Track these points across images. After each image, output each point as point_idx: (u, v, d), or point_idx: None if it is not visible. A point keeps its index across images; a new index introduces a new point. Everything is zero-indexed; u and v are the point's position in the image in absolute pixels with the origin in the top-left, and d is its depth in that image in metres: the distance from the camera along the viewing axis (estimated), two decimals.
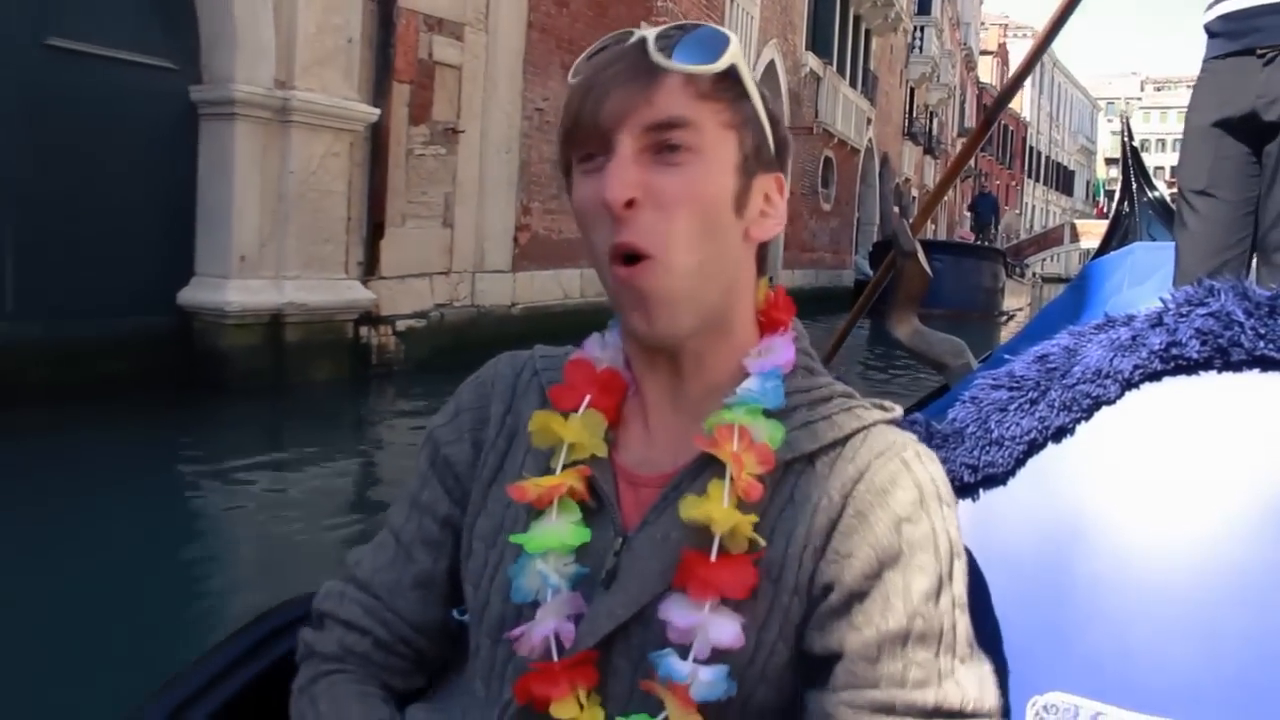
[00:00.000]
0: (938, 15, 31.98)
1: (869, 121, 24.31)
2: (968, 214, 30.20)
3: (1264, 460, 0.92)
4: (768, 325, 0.90)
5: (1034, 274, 30.03)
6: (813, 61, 19.37)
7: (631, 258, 0.80)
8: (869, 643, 0.77)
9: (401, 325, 7.76)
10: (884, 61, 26.27)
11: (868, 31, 24.08)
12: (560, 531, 0.83)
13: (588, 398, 0.88)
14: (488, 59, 8.77)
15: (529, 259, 9.64)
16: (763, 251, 0.89)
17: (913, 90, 31.10)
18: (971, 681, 0.78)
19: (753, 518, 0.80)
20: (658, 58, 0.80)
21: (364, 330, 7.38)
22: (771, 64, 17.06)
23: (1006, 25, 61.64)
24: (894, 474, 0.82)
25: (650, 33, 0.83)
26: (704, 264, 0.82)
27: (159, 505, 4.58)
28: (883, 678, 0.77)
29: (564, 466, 0.86)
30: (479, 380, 0.97)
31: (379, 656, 0.93)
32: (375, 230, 7.42)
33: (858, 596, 0.79)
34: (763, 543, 0.80)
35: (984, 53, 48.87)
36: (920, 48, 30.83)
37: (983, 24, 49.49)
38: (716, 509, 0.79)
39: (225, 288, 6.39)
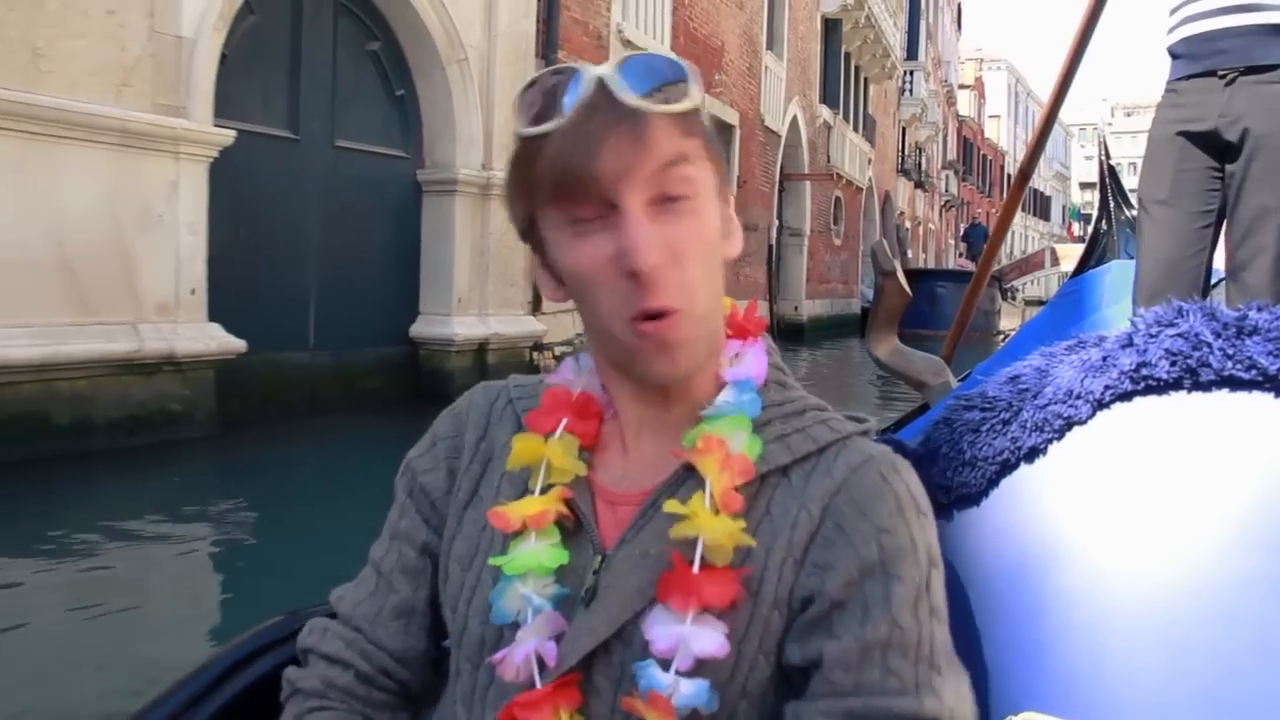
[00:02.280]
0: (924, 59, 34.38)
1: (869, 161, 26.52)
2: (963, 243, 32.41)
3: (1233, 479, 0.91)
4: (736, 334, 0.90)
5: (1023, 297, 32.26)
6: (825, 113, 21.58)
7: (654, 315, 0.79)
8: (848, 651, 0.76)
9: (558, 350, 9.80)
10: (880, 105, 28.58)
11: (866, 80, 26.33)
12: (539, 553, 0.83)
13: (564, 421, 0.88)
14: None
15: None
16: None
17: (904, 130, 33.44)
18: (949, 692, 0.77)
19: (741, 523, 0.80)
20: (636, 101, 0.78)
21: (535, 354, 9.41)
22: (795, 118, 19.25)
23: (981, 60, 64.24)
24: (872, 486, 0.82)
25: (606, 71, 0.80)
26: (710, 301, 0.84)
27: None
28: (860, 686, 0.76)
29: (543, 489, 0.86)
30: (455, 411, 0.98)
31: (362, 690, 0.92)
32: None
33: (837, 606, 0.78)
34: (752, 543, 0.80)
35: (962, 86, 51.14)
36: (910, 90, 33.20)
37: (961, 60, 51.88)
38: (705, 519, 0.79)
39: (450, 323, 8.43)
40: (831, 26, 21.79)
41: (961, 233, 34.12)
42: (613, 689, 0.80)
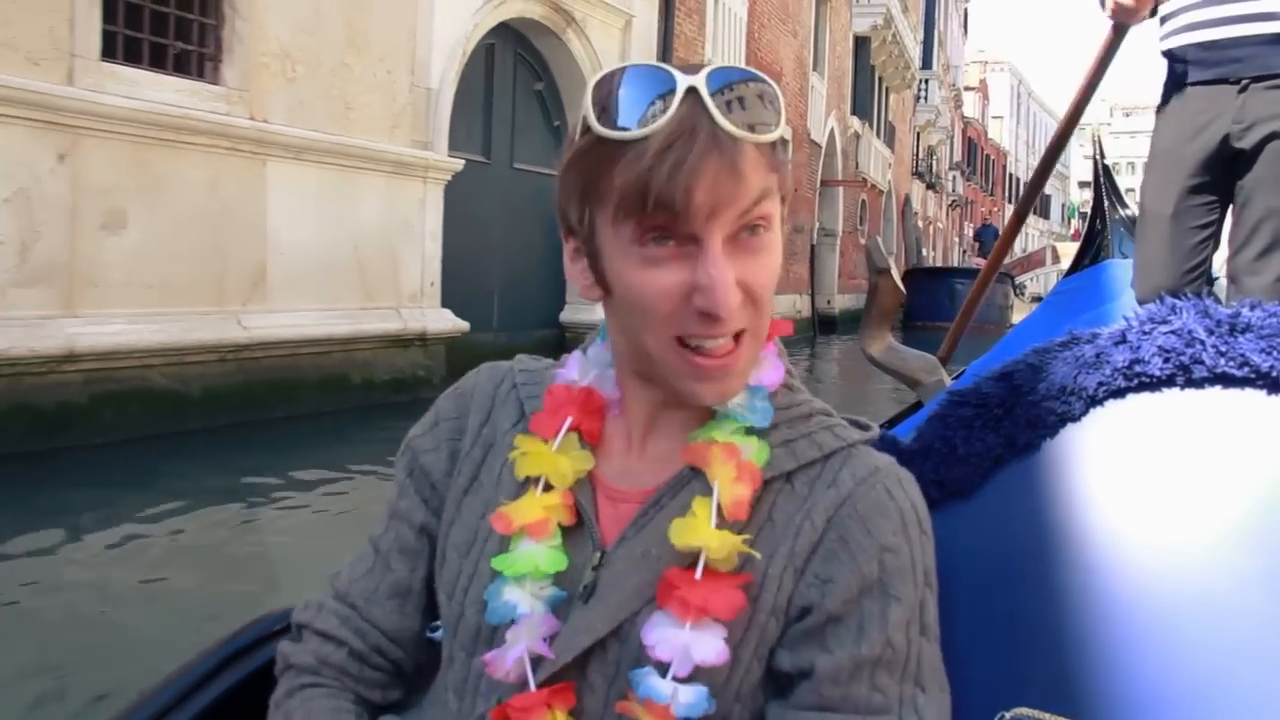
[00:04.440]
0: (938, 68, 36.30)
1: (889, 166, 28.44)
2: (975, 242, 34.35)
3: (1226, 476, 0.91)
4: None
5: (1030, 293, 34.22)
6: (855, 123, 23.50)
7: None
8: (840, 666, 0.76)
9: None
10: (899, 113, 30.49)
11: (888, 90, 28.22)
12: (537, 557, 0.83)
13: (568, 421, 0.87)
14: None
15: None
16: None
17: (919, 134, 35.38)
18: (930, 712, 0.78)
19: (745, 536, 0.79)
20: (734, 129, 0.74)
21: None
22: (832, 130, 21.16)
23: (985, 62, 66.02)
24: (877, 501, 0.81)
25: (699, 81, 0.75)
26: (766, 327, 0.83)
27: None
28: (847, 701, 0.76)
29: (545, 488, 0.85)
30: (458, 391, 0.97)
31: (354, 668, 0.92)
32: None
33: (834, 620, 0.78)
34: (757, 555, 0.79)
35: (967, 89, 52.88)
36: (925, 97, 35.12)
37: (966, 63, 53.63)
38: (708, 533, 0.78)
39: (595, 310, 10.35)
40: (861, 44, 23.70)
41: (973, 233, 36.08)
42: (607, 686, 0.80)
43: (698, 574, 0.78)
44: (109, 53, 5.81)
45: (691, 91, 0.75)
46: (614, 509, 0.86)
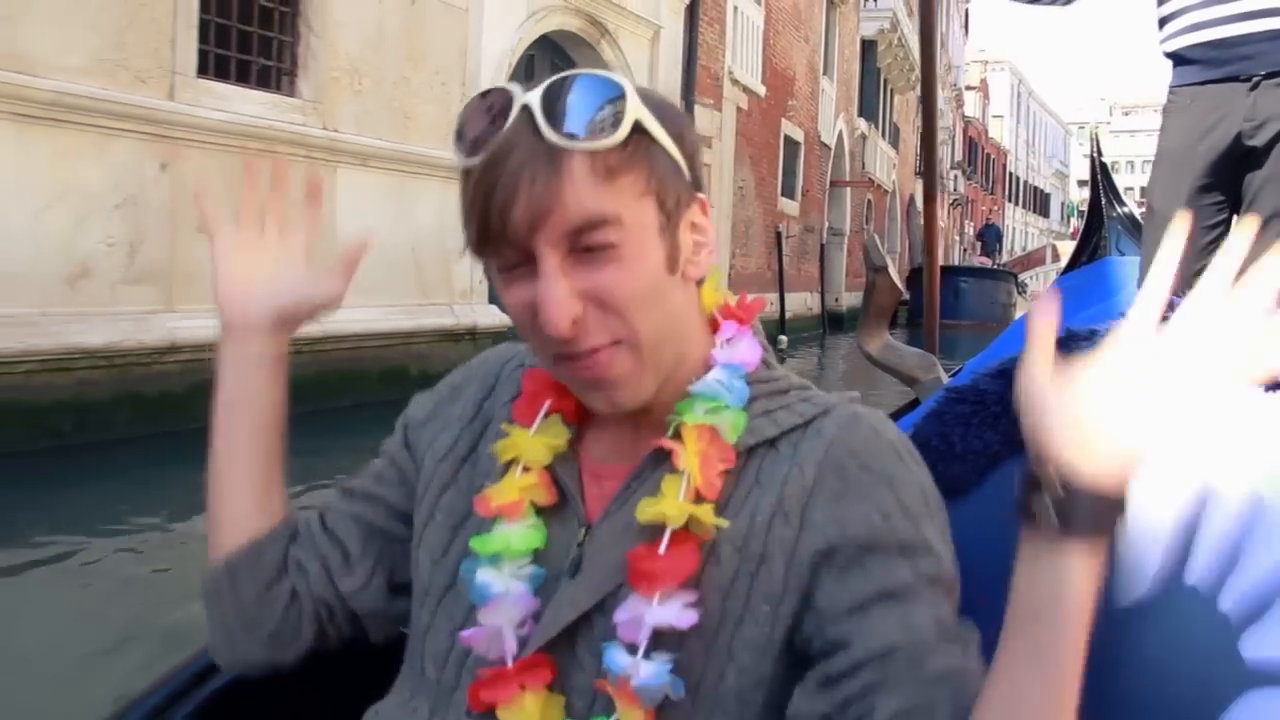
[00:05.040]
0: (940, 69, 36.69)
1: (893, 166, 29.00)
2: (977, 241, 34.94)
3: (1224, 474, 0.90)
4: (727, 316, 0.89)
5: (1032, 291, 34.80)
6: (862, 125, 24.04)
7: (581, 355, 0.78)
8: (908, 582, 0.76)
9: None
10: (902, 114, 31.00)
11: (892, 92, 28.77)
12: (511, 536, 0.83)
13: (546, 404, 0.88)
14: (719, 157, 13.34)
15: (733, 287, 14.20)
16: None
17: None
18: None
19: (709, 506, 0.79)
20: (557, 139, 0.73)
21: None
22: (840, 132, 21.71)
23: (985, 62, 66.44)
24: (865, 438, 0.82)
25: (534, 98, 0.74)
26: (659, 333, 0.80)
27: None
28: (937, 620, 0.76)
29: (522, 470, 0.86)
30: (469, 364, 1.00)
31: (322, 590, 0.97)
32: None
33: (869, 549, 0.77)
34: (724, 524, 0.78)
35: (968, 88, 53.27)
36: None
37: (966, 62, 54.06)
38: (670, 505, 0.78)
39: None
40: (868, 48, 24.23)
41: (975, 232, 36.65)
42: (595, 661, 0.79)
43: (662, 547, 0.78)
44: (203, 70, 6.34)
45: (524, 110, 0.75)
46: (599, 486, 0.86)
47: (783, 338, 14.86)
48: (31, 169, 5.38)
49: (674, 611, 0.76)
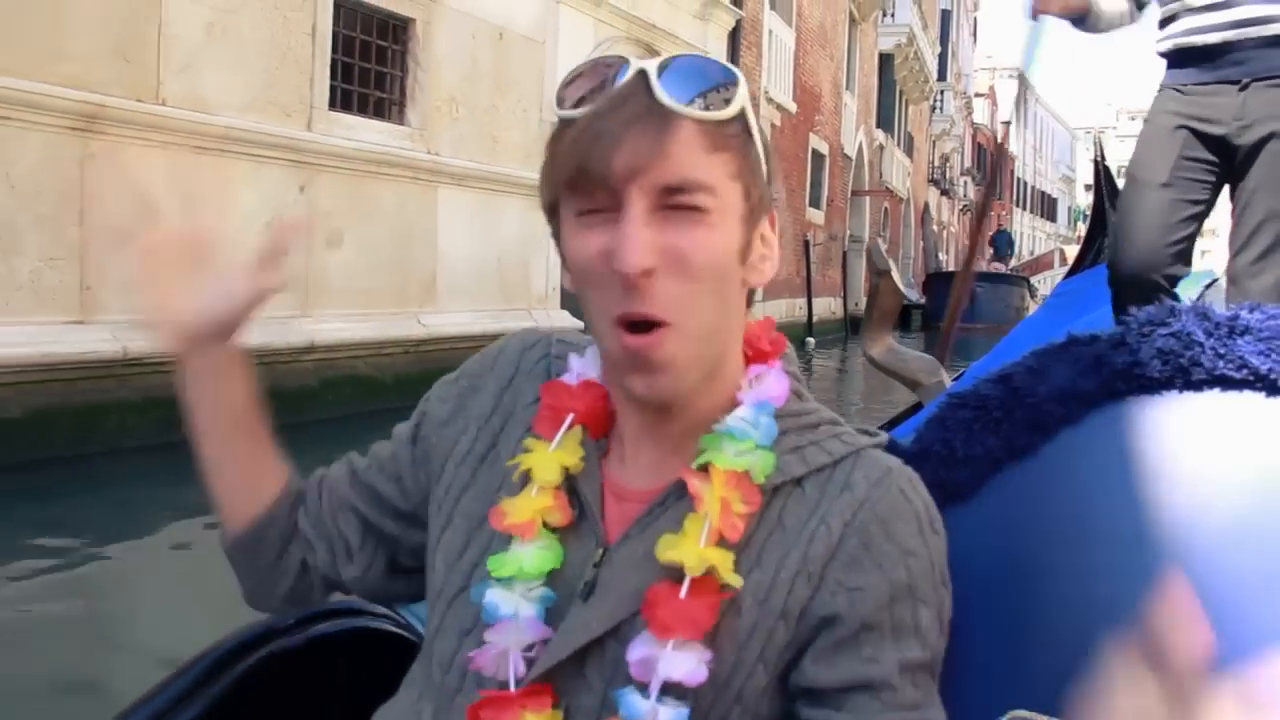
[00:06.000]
0: (951, 78, 37.70)
1: (908, 174, 29.85)
2: (989, 247, 35.75)
3: (1224, 478, 0.91)
4: (756, 357, 0.87)
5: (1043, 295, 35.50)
6: (880, 136, 24.93)
7: (641, 324, 0.76)
8: (889, 674, 0.76)
9: None
10: (916, 124, 31.89)
11: (907, 102, 29.63)
12: (523, 558, 0.82)
13: (569, 418, 0.86)
14: None
15: (769, 293, 15.00)
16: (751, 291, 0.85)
17: (934, 143, 36.79)
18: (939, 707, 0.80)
19: (730, 555, 0.78)
20: (670, 101, 0.75)
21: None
22: (861, 143, 22.59)
23: (994, 69, 67.09)
24: (894, 504, 0.81)
25: (651, 65, 0.77)
26: (713, 324, 0.80)
27: None
28: (899, 704, 0.76)
29: (540, 489, 0.84)
30: (486, 352, 0.97)
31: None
32: None
33: (868, 628, 0.77)
34: (738, 584, 0.77)
35: (977, 95, 53.85)
36: (941, 108, 36.56)
37: (975, 69, 54.72)
38: (690, 551, 0.77)
39: None
40: (885, 61, 25.11)
41: (989, 237, 37.42)
42: (605, 686, 0.79)
43: (682, 592, 0.77)
44: (333, 103, 7.23)
45: (640, 74, 0.76)
46: (620, 506, 0.85)
47: (810, 340, 15.73)
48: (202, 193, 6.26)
49: (687, 665, 0.76)
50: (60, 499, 4.97)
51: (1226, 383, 0.93)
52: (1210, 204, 2.57)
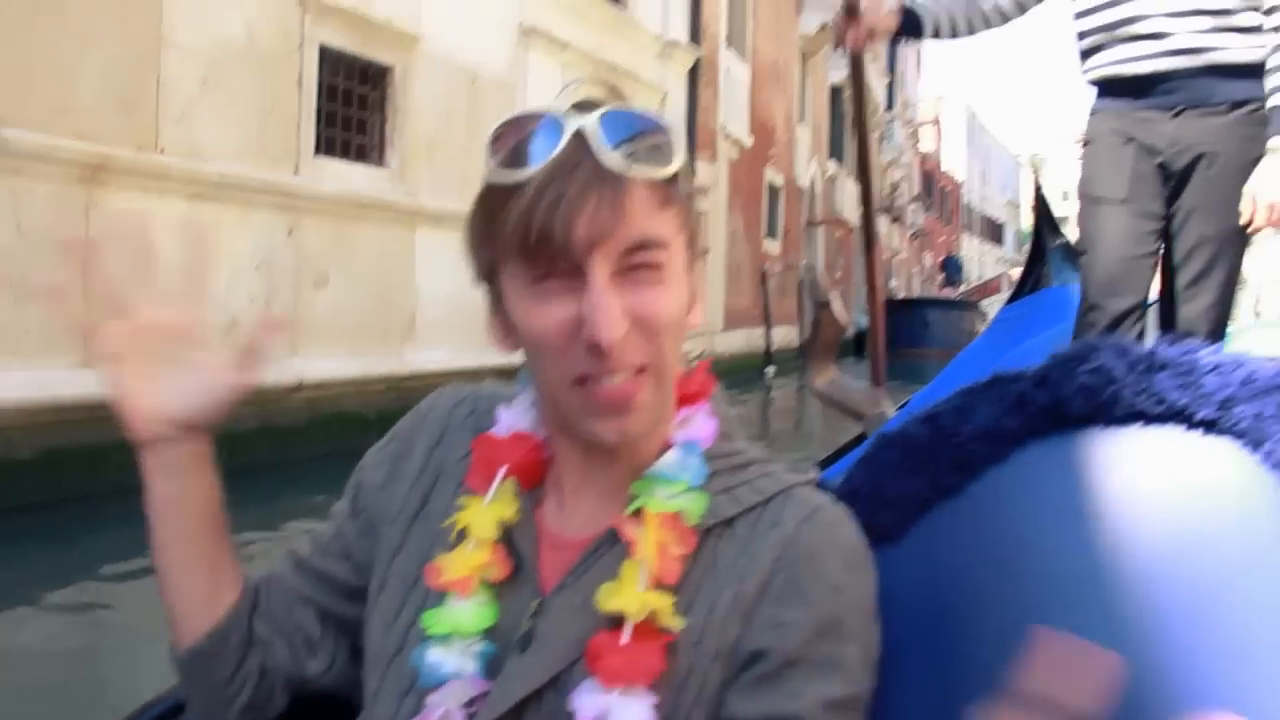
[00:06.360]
0: (898, 107, 38.60)
1: (859, 203, 30.43)
2: (940, 273, 36.52)
3: (1147, 512, 0.91)
4: (684, 400, 0.88)
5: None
6: (832, 166, 25.54)
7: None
8: (812, 710, 0.76)
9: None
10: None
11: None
12: (461, 614, 0.82)
13: (502, 471, 0.86)
14: (715, 205, 14.65)
15: (728, 324, 15.46)
16: None
17: (884, 172, 37.58)
18: None
19: (670, 598, 0.78)
20: (620, 165, 0.76)
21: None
22: (814, 175, 23.16)
23: (940, 98, 68.34)
24: (822, 540, 0.82)
25: (587, 123, 0.77)
26: (673, 367, 0.82)
27: None
28: None
29: (476, 544, 0.84)
30: (417, 411, 0.97)
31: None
32: None
33: (790, 664, 0.78)
34: (678, 627, 0.78)
35: (922, 124, 54.94)
36: (889, 138, 37.40)
37: (920, 99, 55.81)
38: (629, 599, 0.78)
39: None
40: (836, 93, 25.73)
41: (939, 264, 38.26)
42: None
43: (624, 638, 0.77)
44: (318, 148, 7.50)
45: (577, 134, 0.77)
46: (555, 556, 0.85)
47: (769, 369, 16.11)
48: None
49: (637, 712, 0.76)
50: (70, 539, 5.14)
51: (1146, 418, 0.94)
52: (1167, 218, 2.56)
